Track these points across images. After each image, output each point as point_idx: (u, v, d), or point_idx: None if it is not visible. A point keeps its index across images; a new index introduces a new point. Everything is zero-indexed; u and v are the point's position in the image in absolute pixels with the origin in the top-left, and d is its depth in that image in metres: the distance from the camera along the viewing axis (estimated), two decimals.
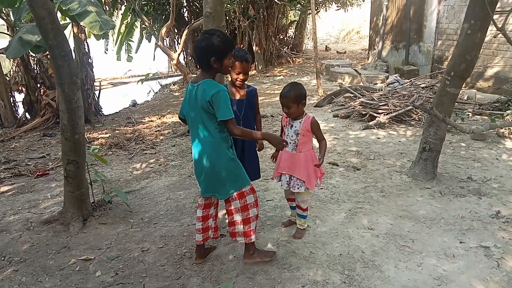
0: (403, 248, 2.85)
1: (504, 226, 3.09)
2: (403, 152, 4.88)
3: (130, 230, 3.35)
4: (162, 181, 4.49)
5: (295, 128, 2.85)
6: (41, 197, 4.23)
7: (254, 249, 2.71)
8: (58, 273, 2.78)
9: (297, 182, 2.87)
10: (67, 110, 3.15)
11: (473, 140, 5.20)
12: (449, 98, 3.77)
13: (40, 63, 7.87)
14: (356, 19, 23.75)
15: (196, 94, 2.45)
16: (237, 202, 2.58)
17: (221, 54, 2.42)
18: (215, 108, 2.38)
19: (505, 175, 4.06)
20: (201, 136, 2.51)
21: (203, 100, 2.39)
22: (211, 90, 2.38)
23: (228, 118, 2.39)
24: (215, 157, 2.51)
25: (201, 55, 2.43)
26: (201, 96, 2.41)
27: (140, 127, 7.47)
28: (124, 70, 16.13)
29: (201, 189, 2.67)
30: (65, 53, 3.00)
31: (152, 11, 12.60)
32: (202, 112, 2.43)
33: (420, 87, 7.30)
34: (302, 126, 2.82)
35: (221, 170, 2.52)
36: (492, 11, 3.22)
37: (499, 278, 2.49)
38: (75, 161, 3.31)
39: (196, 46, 2.44)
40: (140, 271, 2.75)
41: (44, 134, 7.28)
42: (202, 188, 2.65)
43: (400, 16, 10.95)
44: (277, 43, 15.07)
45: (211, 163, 2.52)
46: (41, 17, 2.81)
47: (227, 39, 2.45)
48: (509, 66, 7.35)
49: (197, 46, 2.43)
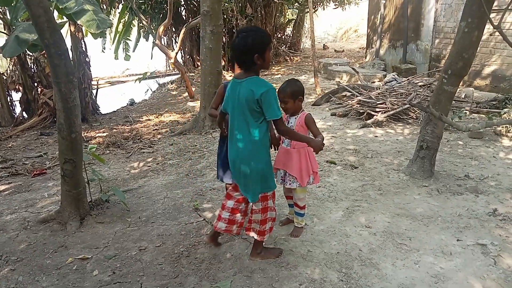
0: (401, 246, 2.85)
1: (501, 224, 3.10)
2: (401, 151, 4.89)
3: (128, 229, 3.34)
4: (160, 180, 4.48)
5: (290, 124, 2.88)
6: (38, 196, 4.22)
7: (262, 249, 2.75)
8: (55, 272, 2.77)
9: (289, 178, 2.91)
10: (63, 109, 3.14)
11: (470, 138, 5.21)
12: (446, 96, 3.78)
13: (37, 62, 7.85)
14: (354, 18, 23.74)
15: (240, 92, 2.42)
16: (259, 204, 2.61)
17: (263, 49, 2.40)
18: (265, 107, 2.35)
19: (502, 173, 4.07)
20: (241, 134, 2.48)
21: (250, 99, 2.36)
22: (260, 88, 2.34)
23: (279, 117, 2.38)
24: (253, 157, 2.49)
25: (243, 54, 2.39)
26: (247, 94, 2.37)
27: (137, 126, 7.45)
28: (121, 69, 16.09)
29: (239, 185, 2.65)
30: (61, 52, 2.99)
31: (150, 10, 12.58)
32: (246, 110, 2.40)
33: (417, 85, 7.30)
34: (297, 121, 2.86)
35: (256, 170, 2.51)
36: (488, 9, 3.22)
37: (496, 276, 2.50)
38: (72, 160, 3.30)
39: (237, 47, 2.40)
40: (137, 270, 2.75)
41: (41, 133, 7.26)
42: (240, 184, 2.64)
43: (397, 14, 10.95)
44: (275, 42, 15.05)
45: (247, 162, 2.50)
46: (37, 16, 2.80)
47: (265, 33, 2.47)
48: (506, 64, 7.37)
49: (238, 46, 2.39)
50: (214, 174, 4.48)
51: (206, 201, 3.79)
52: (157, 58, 13.69)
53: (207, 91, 6.29)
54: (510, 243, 2.84)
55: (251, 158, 2.49)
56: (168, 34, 13.77)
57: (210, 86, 6.24)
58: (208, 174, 4.53)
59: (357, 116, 6.46)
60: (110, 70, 16.00)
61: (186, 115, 8.16)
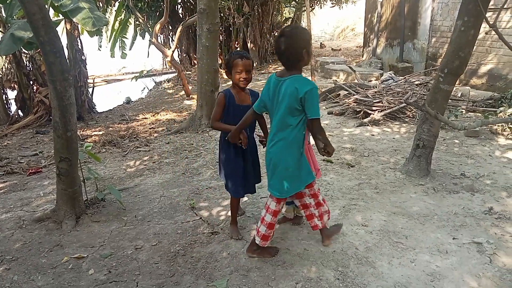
0: (397, 245, 2.86)
1: (496, 222, 3.11)
2: (397, 149, 4.90)
3: (124, 228, 3.33)
4: (156, 178, 4.47)
5: None
6: (34, 195, 4.20)
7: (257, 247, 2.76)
8: (50, 271, 2.76)
9: None
10: (59, 107, 3.12)
11: (466, 137, 5.23)
12: (442, 95, 3.78)
13: (33, 60, 7.81)
14: (350, 16, 23.76)
15: (282, 89, 2.43)
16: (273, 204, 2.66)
17: (309, 45, 2.45)
18: (307, 106, 2.36)
19: (498, 172, 4.08)
20: (279, 132, 2.50)
21: (293, 97, 2.37)
22: (304, 87, 2.35)
23: (319, 117, 2.43)
24: (286, 154, 2.52)
25: (292, 52, 2.41)
26: (290, 91, 2.38)
27: (134, 125, 7.43)
28: (118, 67, 16.03)
29: None
30: (56, 50, 2.97)
31: (146, 8, 12.53)
32: (287, 108, 2.41)
33: (414, 84, 7.31)
34: None
35: (287, 167, 2.53)
36: (485, 8, 3.22)
37: (491, 274, 2.51)
38: (67, 159, 3.28)
39: (287, 45, 2.40)
40: (133, 269, 2.74)
41: (37, 131, 7.23)
42: None
43: (394, 13, 10.96)
44: (272, 40, 15.04)
45: (282, 160, 2.53)
46: (32, 13, 2.78)
47: (307, 30, 2.56)
48: (503, 63, 7.39)
49: (287, 44, 2.40)
50: (210, 173, 4.47)
51: (202, 200, 3.78)
52: (153, 56, 13.68)
53: (203, 89, 6.28)
54: (506, 242, 2.85)
55: (285, 156, 2.53)
56: (165, 32, 13.74)
57: (207, 85, 6.22)
58: (205, 172, 4.52)
59: (353, 114, 6.46)
60: (106, 68, 15.92)
61: (182, 113, 8.14)
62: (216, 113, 2.89)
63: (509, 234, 2.94)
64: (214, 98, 6.35)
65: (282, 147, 2.52)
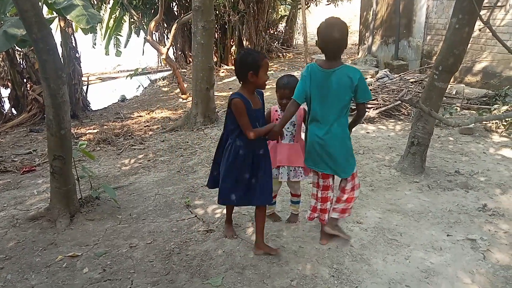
0: (391, 242, 2.87)
1: (490, 219, 3.13)
2: (392, 147, 4.91)
3: (118, 226, 3.32)
4: (151, 176, 4.46)
5: (291, 119, 2.87)
6: (28, 193, 4.17)
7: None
8: (44, 270, 2.74)
9: (299, 171, 2.97)
10: (52, 105, 3.10)
11: (461, 134, 5.25)
12: (437, 92, 3.79)
13: (26, 57, 7.74)
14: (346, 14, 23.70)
15: (334, 80, 2.57)
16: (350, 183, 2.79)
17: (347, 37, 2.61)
18: (361, 90, 2.58)
19: (492, 169, 4.10)
20: (336, 120, 2.65)
21: (348, 85, 2.55)
22: (356, 74, 2.56)
23: (370, 99, 2.72)
24: (344, 139, 2.71)
25: (340, 44, 2.56)
26: (345, 81, 2.55)
27: (129, 123, 7.40)
28: (113, 65, 15.94)
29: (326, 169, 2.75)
30: (50, 47, 2.94)
31: (141, 5, 12.45)
32: (341, 96, 2.59)
33: (409, 81, 7.34)
34: (298, 116, 2.90)
35: (344, 149, 2.70)
36: (479, 5, 3.23)
37: (485, 270, 2.52)
38: (61, 157, 3.26)
39: (335, 38, 2.53)
40: (128, 267, 2.73)
41: (31, 129, 7.18)
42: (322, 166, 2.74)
43: (389, 11, 10.97)
44: (268, 38, 15.02)
45: (339, 143, 2.69)
46: (25, 10, 2.75)
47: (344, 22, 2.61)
48: (497, 61, 7.42)
49: (335, 38, 2.53)
50: (205, 171, 4.46)
51: (197, 198, 3.77)
52: (148, 54, 13.59)
53: (199, 87, 6.26)
54: (499, 238, 2.87)
55: (342, 141, 2.70)
56: (160, 29, 13.66)
57: (202, 82, 6.20)
58: (200, 170, 4.51)
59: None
60: (101, 66, 15.82)
61: (177, 111, 8.12)
62: (247, 123, 2.55)
63: (503, 231, 2.96)
64: (209, 95, 6.35)
65: (342, 132, 2.69)
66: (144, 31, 10.88)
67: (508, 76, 7.19)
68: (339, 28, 2.52)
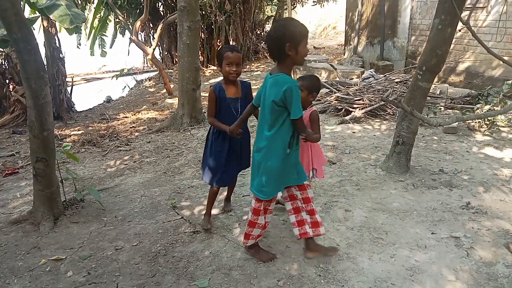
0: (377, 240, 2.89)
1: (473, 217, 3.18)
2: (378, 146, 4.95)
3: (103, 229, 3.27)
4: (137, 178, 4.41)
5: None
6: (10, 196, 4.09)
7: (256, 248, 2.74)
8: (27, 274, 2.69)
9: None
10: (34, 106, 3.04)
11: (445, 133, 5.32)
12: (421, 92, 3.84)
13: (8, 57, 7.61)
14: (332, 15, 23.93)
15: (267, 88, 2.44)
16: (253, 202, 2.63)
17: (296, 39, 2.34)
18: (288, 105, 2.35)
19: (475, 167, 4.17)
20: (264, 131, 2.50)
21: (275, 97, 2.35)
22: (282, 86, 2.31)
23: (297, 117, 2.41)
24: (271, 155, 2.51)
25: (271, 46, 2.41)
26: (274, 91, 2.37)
27: (114, 124, 7.32)
28: (98, 66, 15.75)
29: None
30: (31, 47, 2.89)
31: (126, 5, 12.34)
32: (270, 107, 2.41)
33: (394, 82, 7.41)
34: (304, 116, 2.87)
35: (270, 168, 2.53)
36: (460, 6, 3.28)
37: (468, 267, 2.56)
38: (44, 159, 3.20)
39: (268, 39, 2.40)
40: (113, 270, 2.70)
41: (14, 131, 7.06)
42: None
43: (375, 11, 11.08)
44: (254, 38, 15.04)
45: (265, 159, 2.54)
46: (4, 9, 2.69)
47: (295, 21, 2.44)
48: (479, 61, 7.56)
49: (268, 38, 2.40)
50: (192, 172, 4.44)
51: (184, 199, 3.75)
52: (134, 54, 13.47)
53: (185, 87, 6.22)
54: (482, 236, 2.91)
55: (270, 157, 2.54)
56: (146, 30, 13.55)
57: (188, 83, 6.17)
58: (186, 171, 4.48)
59: (335, 112, 6.50)
60: (86, 67, 15.63)
61: (164, 112, 8.06)
62: (210, 109, 2.98)
63: (486, 228, 3.00)
64: (196, 96, 6.32)
65: (267, 147, 2.45)
66: (129, 31, 10.78)
67: (490, 76, 7.33)
68: (274, 28, 2.40)
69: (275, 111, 2.36)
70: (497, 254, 2.68)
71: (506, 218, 3.15)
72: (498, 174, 3.99)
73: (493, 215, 3.20)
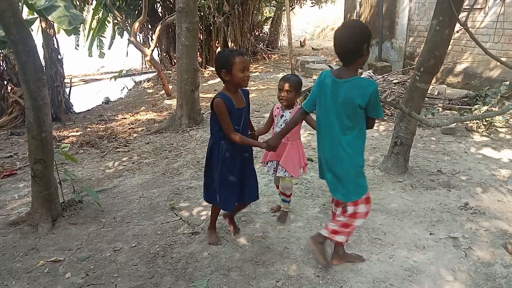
0: (375, 241, 2.89)
1: (471, 217, 3.18)
2: (376, 147, 4.96)
3: (102, 230, 3.27)
4: (136, 179, 4.41)
5: (285, 118, 2.99)
6: (8, 197, 4.08)
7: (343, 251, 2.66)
8: (25, 276, 2.69)
9: (280, 167, 3.02)
10: (33, 108, 3.04)
11: (443, 134, 5.34)
12: (419, 93, 3.85)
13: (7, 59, 7.60)
14: (330, 16, 23.96)
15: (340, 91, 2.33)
16: (351, 208, 2.48)
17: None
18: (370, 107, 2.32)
19: (473, 168, 4.18)
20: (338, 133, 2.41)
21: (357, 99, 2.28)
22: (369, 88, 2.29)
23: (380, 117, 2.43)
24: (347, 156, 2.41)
25: (344, 51, 2.30)
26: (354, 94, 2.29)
27: (113, 125, 7.31)
28: (96, 67, 15.73)
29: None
30: (29, 49, 2.89)
31: (124, 6, 12.34)
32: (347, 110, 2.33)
33: (392, 83, 7.43)
34: (291, 115, 2.94)
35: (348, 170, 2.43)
36: (458, 7, 3.29)
37: (466, 268, 2.57)
38: (42, 160, 3.20)
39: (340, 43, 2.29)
40: (112, 271, 2.69)
41: (12, 132, 7.05)
42: None
43: (373, 13, 11.11)
44: (253, 40, 15.03)
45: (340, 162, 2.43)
46: (2, 11, 2.69)
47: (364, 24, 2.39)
48: (477, 62, 7.58)
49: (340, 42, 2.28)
50: (191, 173, 4.44)
51: (183, 200, 3.75)
52: (133, 55, 13.46)
53: (183, 89, 6.22)
54: (480, 236, 2.92)
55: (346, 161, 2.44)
56: (144, 31, 13.55)
57: (187, 84, 6.17)
58: (185, 172, 4.48)
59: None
60: (84, 68, 15.61)
61: (162, 113, 8.06)
62: (228, 124, 2.56)
63: (484, 229, 3.01)
64: (194, 97, 6.32)
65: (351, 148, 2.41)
66: (128, 33, 10.77)
67: (488, 76, 7.35)
68: (348, 32, 2.26)
69: (357, 114, 2.34)
70: (495, 255, 2.69)
71: (504, 218, 3.16)
72: (496, 174, 4.00)
73: (491, 215, 3.21)
